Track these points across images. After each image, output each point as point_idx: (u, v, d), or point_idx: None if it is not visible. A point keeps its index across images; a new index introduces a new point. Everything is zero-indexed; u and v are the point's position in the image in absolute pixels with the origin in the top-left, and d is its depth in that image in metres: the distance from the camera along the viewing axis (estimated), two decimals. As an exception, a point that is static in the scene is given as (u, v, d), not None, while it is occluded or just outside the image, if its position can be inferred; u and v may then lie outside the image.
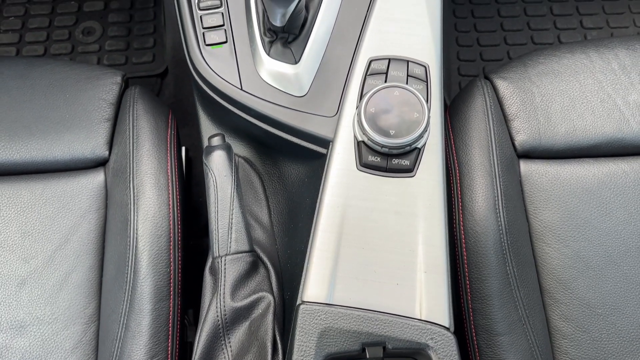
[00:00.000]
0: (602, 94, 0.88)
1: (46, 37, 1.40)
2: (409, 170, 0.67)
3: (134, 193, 0.79)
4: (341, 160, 0.68)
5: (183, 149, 1.12)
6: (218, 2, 0.79)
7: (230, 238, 0.69)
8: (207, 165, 0.72)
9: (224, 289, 0.67)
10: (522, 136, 0.86)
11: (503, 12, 1.46)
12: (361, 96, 0.71)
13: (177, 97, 1.33)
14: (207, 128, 0.87)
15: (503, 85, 0.89)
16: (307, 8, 0.78)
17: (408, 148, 0.66)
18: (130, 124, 0.84)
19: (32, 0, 1.45)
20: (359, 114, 0.67)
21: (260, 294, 0.69)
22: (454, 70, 1.38)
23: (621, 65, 0.90)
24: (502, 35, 1.44)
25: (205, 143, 0.79)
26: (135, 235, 0.77)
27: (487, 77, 0.92)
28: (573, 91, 0.88)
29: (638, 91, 0.89)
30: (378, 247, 0.63)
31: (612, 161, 0.85)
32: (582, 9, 1.47)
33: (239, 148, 0.85)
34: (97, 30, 1.41)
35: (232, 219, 0.70)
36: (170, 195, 0.80)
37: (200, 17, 0.79)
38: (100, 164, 0.85)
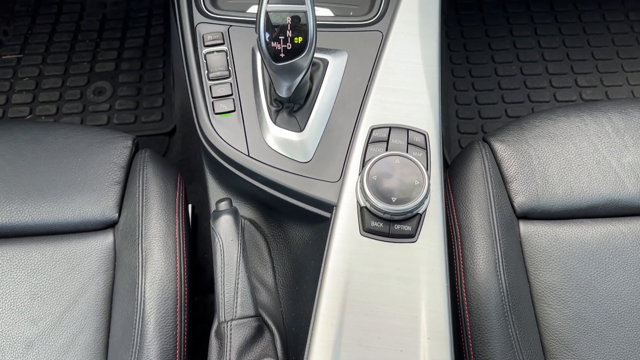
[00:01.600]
0: (598, 156, 0.91)
1: (59, 97, 1.45)
2: (410, 236, 0.69)
3: (142, 256, 0.81)
4: (345, 226, 0.71)
5: (190, 206, 1.14)
6: (227, 73, 0.83)
7: (236, 302, 0.70)
8: (214, 230, 0.75)
9: (230, 354, 0.68)
10: (521, 198, 0.88)
11: (500, 72, 1.52)
12: (363, 163, 0.74)
13: (184, 154, 1.37)
14: (215, 191, 0.89)
15: (501, 148, 0.92)
16: (311, 79, 0.82)
17: (410, 214, 0.69)
18: (140, 187, 0.87)
19: (46, 61, 1.51)
20: (361, 181, 0.70)
21: (266, 359, 0.69)
22: (453, 128, 1.42)
23: (615, 128, 0.94)
24: (500, 93, 1.48)
25: (213, 207, 0.82)
26: (142, 298, 0.78)
27: (485, 140, 0.95)
28: (569, 154, 0.91)
29: (632, 153, 0.92)
30: (381, 314, 0.65)
31: (609, 222, 0.87)
32: (577, 68, 1.52)
33: (245, 210, 0.88)
34: (107, 90, 1.46)
35: (238, 283, 0.71)
36: (177, 258, 0.81)
37: (210, 87, 0.83)
38: (109, 225, 0.87)
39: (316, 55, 0.81)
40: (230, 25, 0.87)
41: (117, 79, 1.48)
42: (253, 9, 0.91)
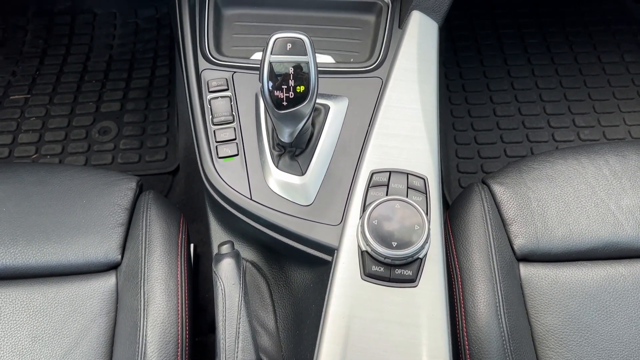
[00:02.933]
0: (596, 198, 0.92)
1: (64, 136, 1.48)
2: (411, 281, 0.70)
3: (144, 299, 0.81)
4: (346, 270, 0.71)
5: (192, 245, 1.15)
6: (231, 118, 0.85)
7: (237, 347, 0.71)
8: (216, 274, 0.75)
9: (231, 399, 0.68)
10: (521, 240, 0.89)
11: (499, 112, 1.54)
12: (364, 207, 0.75)
13: (187, 193, 1.38)
14: (217, 233, 0.90)
15: (500, 190, 0.93)
16: (313, 123, 0.84)
17: (410, 259, 0.70)
18: (143, 229, 0.88)
19: (53, 101, 1.54)
20: (362, 225, 0.71)
21: None
22: (453, 168, 1.44)
23: (612, 171, 0.95)
24: (499, 133, 1.50)
25: (215, 249, 0.82)
26: (144, 340, 0.78)
27: (484, 182, 0.96)
28: (567, 196, 0.92)
29: (630, 196, 0.93)
30: (383, 360, 0.65)
31: (609, 264, 0.88)
32: (574, 108, 1.55)
33: (247, 252, 0.88)
34: (112, 129, 1.49)
35: (239, 328, 0.72)
36: (179, 301, 0.82)
37: (214, 131, 0.85)
38: (112, 267, 0.87)
39: (318, 100, 0.83)
40: (235, 72, 0.89)
41: (122, 119, 1.51)
42: (257, 55, 0.94)
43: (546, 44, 1.69)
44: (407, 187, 0.77)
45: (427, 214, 0.74)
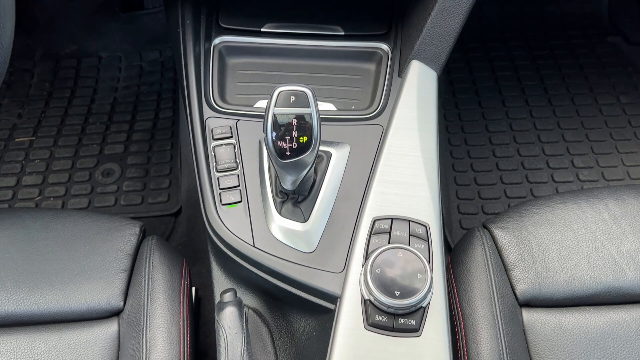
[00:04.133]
0: (596, 243, 0.92)
1: (68, 179, 1.49)
2: (415, 330, 0.70)
3: (146, 347, 0.81)
4: (348, 319, 0.71)
5: (193, 289, 1.15)
6: (234, 165, 0.87)
7: (240, 398, 0.70)
8: (218, 322, 0.75)
9: None
10: (523, 285, 0.89)
11: (498, 153, 1.56)
12: (367, 255, 0.76)
13: (189, 235, 1.38)
14: (219, 279, 0.91)
15: (501, 235, 0.94)
16: (315, 170, 0.85)
17: (413, 308, 0.70)
18: (146, 275, 0.88)
19: (57, 143, 1.56)
20: (364, 274, 0.71)
21: None
22: (454, 209, 1.45)
23: (612, 216, 0.96)
24: (499, 174, 1.52)
25: (217, 296, 0.83)
26: (145, 390, 0.77)
27: (485, 227, 0.97)
28: (568, 241, 0.93)
29: (630, 240, 0.93)
30: (386, 412, 0.64)
31: (612, 310, 0.87)
32: (572, 149, 1.57)
33: (249, 299, 0.89)
34: (116, 171, 1.50)
35: (242, 378, 0.71)
36: (181, 349, 0.81)
37: (218, 178, 0.86)
38: (114, 314, 0.87)
39: (320, 148, 0.84)
40: (239, 119, 0.91)
41: (126, 161, 1.52)
42: (260, 103, 0.96)
43: (543, 85, 1.72)
44: (409, 235, 0.77)
45: (429, 262, 0.75)
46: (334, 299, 0.75)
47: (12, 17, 0.59)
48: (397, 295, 0.68)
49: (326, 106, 0.96)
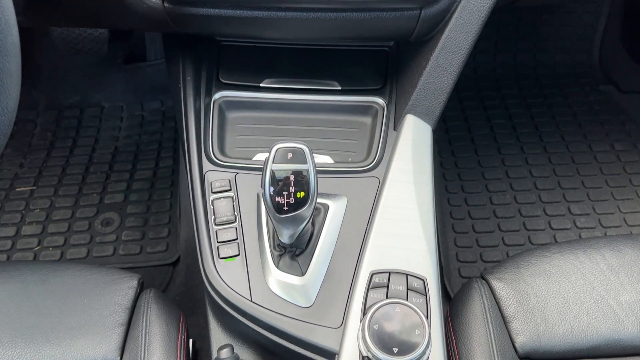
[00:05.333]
0: (595, 294, 0.92)
1: (67, 228, 1.49)
2: (413, 387, 0.69)
3: (142, 403, 0.80)
4: (347, 376, 0.71)
5: (190, 341, 1.14)
6: (233, 218, 0.88)
7: None
8: (216, 379, 0.75)
9: None
10: (522, 338, 0.88)
11: (495, 200, 1.57)
12: (364, 310, 0.76)
13: (187, 285, 1.38)
14: (217, 334, 0.90)
15: (499, 287, 0.93)
16: (313, 223, 0.86)
17: (411, 364, 0.69)
18: (143, 330, 0.87)
19: (58, 193, 1.58)
20: (362, 330, 0.71)
21: None
22: (453, 257, 1.45)
23: (609, 266, 0.96)
24: (496, 222, 1.53)
25: (214, 351, 0.82)
26: None
27: (483, 278, 0.97)
28: (566, 292, 0.92)
29: (629, 291, 0.93)
30: None
31: (612, 363, 0.87)
32: (569, 196, 1.58)
33: (246, 354, 0.88)
34: (115, 221, 1.51)
35: None
36: (177, 405, 0.80)
37: (216, 232, 0.87)
38: (110, 369, 0.86)
39: (317, 200, 0.85)
40: (237, 172, 0.93)
41: (125, 210, 1.53)
42: (259, 156, 0.97)
43: (538, 133, 1.75)
44: (407, 289, 0.78)
45: (427, 317, 0.74)
46: (332, 355, 0.74)
47: (17, 83, 0.61)
48: (395, 352, 0.68)
49: (323, 159, 0.97)
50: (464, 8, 0.88)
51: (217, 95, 1.03)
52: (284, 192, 0.71)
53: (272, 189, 0.71)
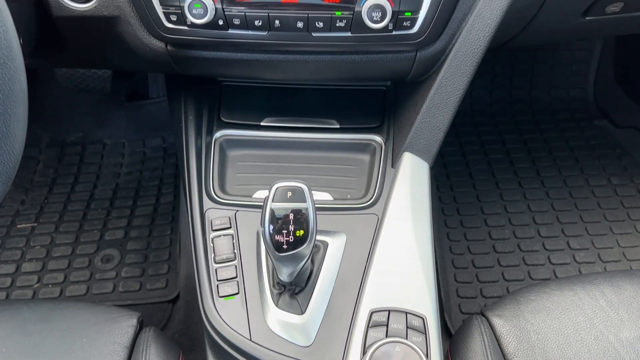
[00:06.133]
0: (595, 331, 0.92)
1: (67, 265, 1.50)
2: None
3: None
4: (347, 417, 0.70)
5: None
6: (232, 256, 0.88)
7: None
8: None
9: None
10: (523, 376, 0.88)
11: (494, 235, 1.58)
12: (364, 349, 0.76)
13: (186, 322, 1.37)
14: (217, 373, 0.89)
15: (499, 324, 0.93)
16: (312, 260, 0.86)
17: (411, 404, 0.69)
18: (142, 370, 0.87)
19: (58, 229, 1.58)
20: (362, 370, 0.71)
21: None
22: (453, 293, 1.44)
23: (608, 302, 0.96)
24: (496, 257, 1.53)
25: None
26: None
27: (483, 315, 0.97)
28: (566, 329, 0.92)
29: (629, 328, 0.93)
30: None
31: (615, 401, 0.86)
32: (567, 231, 1.58)
33: (246, 395, 0.87)
34: (115, 257, 1.51)
35: None
36: None
37: (216, 270, 0.87)
38: (108, 409, 0.85)
39: (317, 237, 0.86)
40: (237, 210, 0.94)
41: (126, 247, 1.54)
42: (259, 193, 0.99)
43: (535, 167, 1.76)
44: (407, 327, 0.78)
45: (427, 356, 0.74)
46: (332, 394, 0.74)
47: (24, 128, 0.63)
48: (395, 392, 0.68)
49: (323, 196, 0.99)
50: (458, 50, 0.91)
51: (218, 134, 1.05)
52: (283, 231, 0.72)
53: (271, 227, 0.72)
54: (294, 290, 0.84)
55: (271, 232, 0.72)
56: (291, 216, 0.72)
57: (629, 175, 1.73)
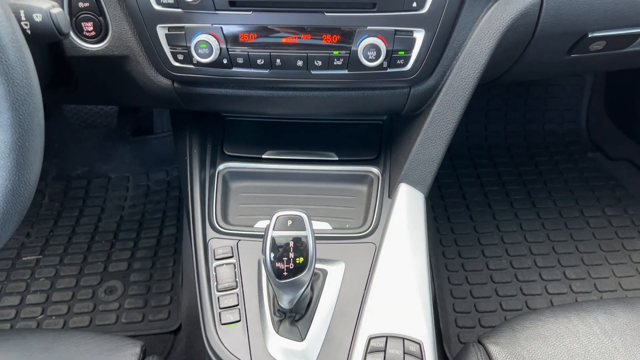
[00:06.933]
0: (589, 358, 0.93)
1: (71, 297, 1.52)
2: None
3: None
4: None
5: None
6: (234, 284, 0.91)
7: None
8: None
9: None
10: (519, 402, 0.89)
11: (491, 266, 1.60)
12: (363, 375, 0.78)
13: (188, 353, 1.38)
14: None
15: (495, 351, 0.95)
16: (312, 288, 0.89)
17: None
18: (146, 397, 0.88)
19: (63, 262, 1.61)
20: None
21: None
22: (452, 322, 1.46)
23: (602, 330, 0.98)
24: (493, 287, 1.55)
25: None
26: None
27: (480, 342, 0.99)
28: (562, 356, 0.94)
29: (623, 355, 0.94)
30: None
31: None
32: (564, 261, 1.61)
33: (247, 420, 0.88)
34: (118, 289, 1.53)
35: None
36: None
37: (218, 298, 0.90)
38: None
39: (316, 265, 0.89)
40: (239, 240, 0.97)
41: (129, 278, 1.56)
42: (260, 223, 1.02)
43: (531, 199, 1.80)
44: (404, 353, 0.80)
45: (424, 381, 0.76)
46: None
47: (40, 160, 0.67)
48: (392, 417, 0.70)
49: (322, 225, 1.02)
50: (449, 86, 0.96)
51: (221, 167, 1.09)
52: (283, 258, 0.75)
53: (272, 255, 0.75)
54: (294, 317, 0.86)
55: (272, 259, 0.75)
56: (291, 244, 0.75)
57: (623, 207, 1.76)
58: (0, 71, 0.60)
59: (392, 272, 0.91)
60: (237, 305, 0.89)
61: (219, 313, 0.88)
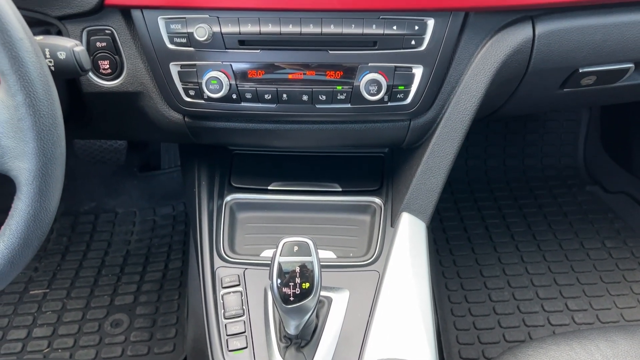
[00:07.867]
0: (592, 385, 0.95)
1: (77, 330, 1.53)
2: None
3: None
4: None
5: None
6: (241, 312, 0.93)
7: None
8: None
9: None
10: None
11: (494, 297, 1.61)
12: (368, 399, 0.79)
13: (192, 386, 1.38)
14: None
15: (498, 378, 0.96)
16: (317, 315, 0.91)
17: None
18: None
19: (70, 295, 1.62)
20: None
21: None
22: (455, 354, 1.46)
23: (604, 357, 0.99)
24: (496, 318, 1.56)
25: None
26: None
27: (483, 369, 1.00)
28: (564, 382, 0.95)
29: (624, 381, 0.96)
30: None
31: None
32: (565, 292, 1.62)
33: None
34: (124, 322, 1.55)
35: None
36: None
37: (225, 325, 0.92)
38: None
39: (321, 293, 0.91)
40: (246, 268, 1.00)
41: (135, 311, 1.57)
42: (266, 252, 1.05)
43: (531, 232, 1.82)
44: (408, 377, 0.81)
45: (427, 405, 0.78)
46: None
47: (60, 188, 0.71)
48: None
49: (326, 254, 1.05)
50: (448, 119, 1.00)
51: (228, 198, 1.13)
52: (290, 283, 0.77)
53: (279, 280, 0.78)
54: (300, 344, 0.88)
55: (279, 285, 0.78)
56: (298, 269, 0.78)
57: (622, 239, 1.79)
58: (28, 103, 0.64)
59: (396, 298, 0.93)
60: (244, 332, 0.91)
61: (227, 340, 0.90)
